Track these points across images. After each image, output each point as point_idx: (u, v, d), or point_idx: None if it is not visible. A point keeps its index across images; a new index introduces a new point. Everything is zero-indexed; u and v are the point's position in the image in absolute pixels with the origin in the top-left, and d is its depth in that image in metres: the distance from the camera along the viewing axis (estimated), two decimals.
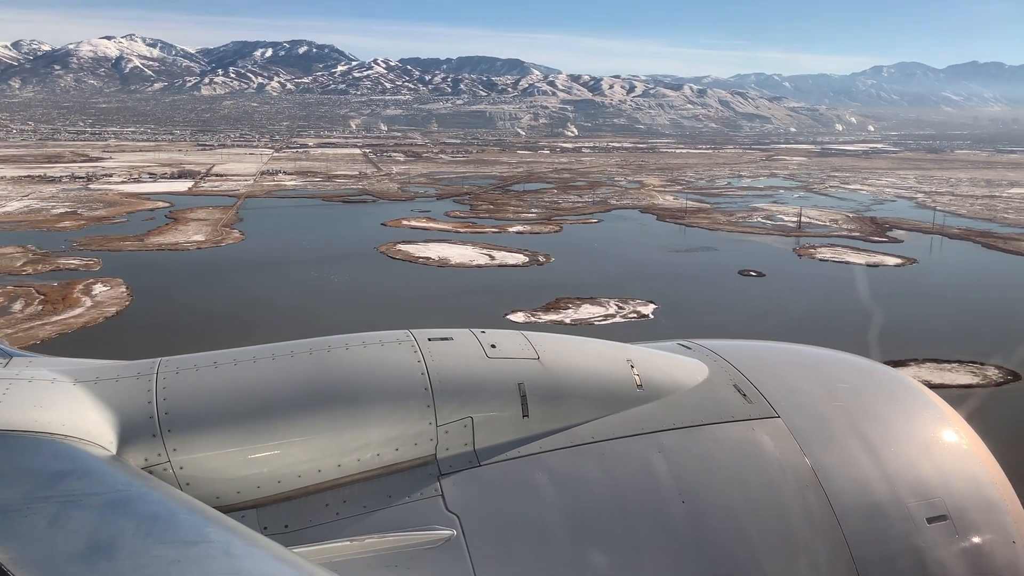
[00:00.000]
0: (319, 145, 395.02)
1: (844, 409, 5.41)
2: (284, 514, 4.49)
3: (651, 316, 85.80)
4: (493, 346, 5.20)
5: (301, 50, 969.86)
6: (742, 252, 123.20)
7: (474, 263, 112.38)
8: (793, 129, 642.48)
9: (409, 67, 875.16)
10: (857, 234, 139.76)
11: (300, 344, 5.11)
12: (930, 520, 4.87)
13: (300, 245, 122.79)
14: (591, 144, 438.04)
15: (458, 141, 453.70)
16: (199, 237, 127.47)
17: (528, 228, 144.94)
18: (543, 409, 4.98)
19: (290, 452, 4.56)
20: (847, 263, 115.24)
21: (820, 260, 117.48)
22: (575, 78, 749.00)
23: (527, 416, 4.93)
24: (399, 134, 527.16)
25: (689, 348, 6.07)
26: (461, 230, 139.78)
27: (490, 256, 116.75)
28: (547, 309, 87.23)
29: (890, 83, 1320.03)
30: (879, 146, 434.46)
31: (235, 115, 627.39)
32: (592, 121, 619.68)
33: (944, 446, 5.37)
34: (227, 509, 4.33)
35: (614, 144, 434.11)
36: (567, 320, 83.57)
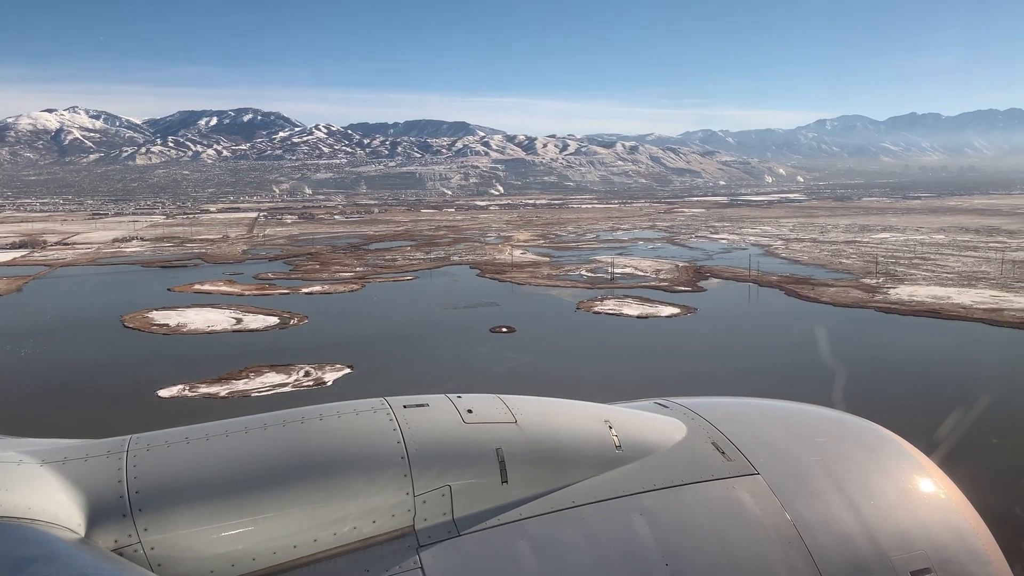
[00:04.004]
0: (224, 210, 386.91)
1: (822, 463, 5.35)
2: None
3: (329, 383, 76.81)
4: (470, 411, 5.11)
5: (246, 118, 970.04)
6: (523, 307, 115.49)
7: (212, 328, 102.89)
8: (723, 182, 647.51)
9: (350, 131, 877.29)
10: (666, 284, 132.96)
11: (273, 416, 4.99)
12: (914, 573, 4.79)
13: (44, 315, 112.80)
14: (506, 202, 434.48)
15: (375, 202, 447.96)
16: None
17: (327, 288, 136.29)
18: (522, 474, 4.86)
19: (265, 528, 4.40)
20: (619, 315, 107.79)
21: (594, 313, 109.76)
22: (510, 138, 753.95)
23: (506, 482, 4.81)
24: (322, 197, 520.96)
25: (666, 407, 6.01)
26: (246, 293, 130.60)
27: (238, 319, 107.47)
28: (218, 380, 77.62)
29: (832, 135, 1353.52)
30: (791, 196, 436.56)
31: (163, 184, 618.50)
32: (523, 179, 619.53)
33: (923, 497, 5.29)
34: None
35: (528, 201, 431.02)
36: (224, 392, 74.07)
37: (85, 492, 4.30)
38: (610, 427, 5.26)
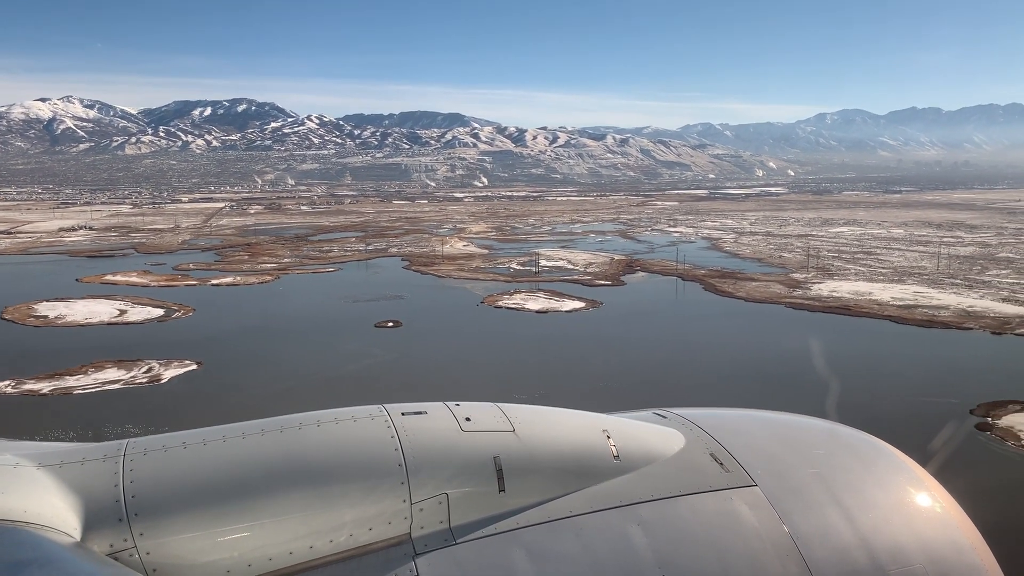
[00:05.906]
0: (196, 200, 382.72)
1: (820, 475, 5.33)
2: None
3: (164, 381, 72.57)
4: (468, 419, 5.08)
5: (240, 108, 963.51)
6: (429, 300, 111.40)
7: (88, 321, 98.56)
8: (712, 176, 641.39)
9: (342, 123, 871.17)
10: (588, 278, 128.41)
11: (271, 422, 4.98)
12: None
13: None
14: (485, 194, 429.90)
15: (352, 193, 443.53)
16: None
17: (238, 279, 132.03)
18: (520, 483, 4.83)
19: (261, 535, 4.36)
20: (520, 309, 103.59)
21: (495, 307, 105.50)
22: (500, 130, 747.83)
23: (503, 491, 4.77)
24: (304, 188, 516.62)
25: (665, 417, 5.99)
26: (152, 284, 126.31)
27: (122, 312, 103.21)
28: (51, 376, 73.31)
29: (831, 129, 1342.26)
30: (773, 189, 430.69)
31: (148, 173, 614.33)
32: (510, 171, 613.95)
33: (921, 510, 5.25)
34: None
35: (506, 193, 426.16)
36: (47, 389, 69.79)
37: (81, 496, 4.21)
38: (608, 437, 5.19)
